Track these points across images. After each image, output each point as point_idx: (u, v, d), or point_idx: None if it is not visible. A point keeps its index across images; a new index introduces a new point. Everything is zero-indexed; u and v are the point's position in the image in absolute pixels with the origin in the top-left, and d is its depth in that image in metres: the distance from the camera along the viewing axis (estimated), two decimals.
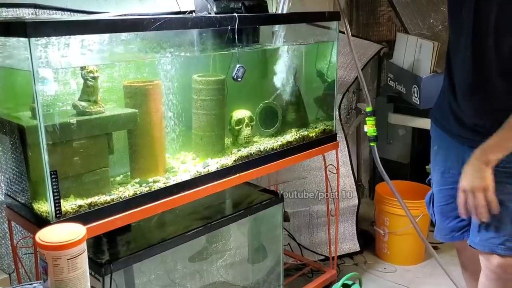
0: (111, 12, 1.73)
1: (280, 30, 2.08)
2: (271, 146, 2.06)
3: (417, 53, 2.71)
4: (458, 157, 1.72)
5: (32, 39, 1.29)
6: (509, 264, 1.61)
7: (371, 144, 2.09)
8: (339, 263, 2.77)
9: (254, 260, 2.34)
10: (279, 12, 2.03)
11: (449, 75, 1.73)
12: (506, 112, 1.55)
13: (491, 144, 1.55)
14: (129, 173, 1.74)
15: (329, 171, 2.46)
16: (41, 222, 1.44)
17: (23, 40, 1.29)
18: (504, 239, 1.60)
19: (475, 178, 1.55)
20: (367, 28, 3.45)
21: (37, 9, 1.79)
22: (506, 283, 1.64)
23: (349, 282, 2.25)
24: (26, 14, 1.77)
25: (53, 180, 1.40)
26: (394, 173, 3.14)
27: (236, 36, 1.79)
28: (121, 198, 1.56)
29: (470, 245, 1.71)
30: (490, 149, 1.55)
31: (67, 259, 0.94)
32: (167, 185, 1.68)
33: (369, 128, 2.08)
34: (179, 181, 1.71)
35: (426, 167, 2.04)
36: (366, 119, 2.08)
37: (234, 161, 1.91)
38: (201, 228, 1.88)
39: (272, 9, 2.10)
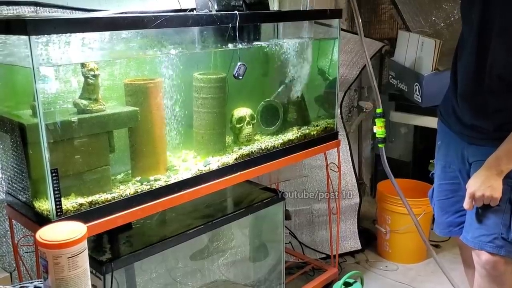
0: (111, 10, 1.73)
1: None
2: (272, 144, 2.05)
3: (419, 51, 2.71)
4: (458, 152, 1.76)
5: (32, 37, 1.29)
6: (497, 261, 1.65)
7: (380, 145, 2.05)
8: (340, 262, 2.77)
9: (256, 258, 2.33)
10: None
11: (454, 75, 1.76)
12: (504, 113, 1.57)
13: (503, 154, 1.57)
14: (130, 171, 1.73)
15: (331, 169, 2.46)
16: (42, 220, 1.44)
17: (24, 38, 1.29)
18: (493, 237, 1.64)
19: (487, 187, 1.58)
20: (369, 26, 3.44)
21: (38, 7, 1.79)
22: (495, 279, 1.68)
23: (351, 281, 2.25)
24: (27, 12, 1.77)
25: (53, 178, 1.39)
26: (396, 171, 3.13)
27: (237, 34, 1.79)
28: (122, 196, 1.55)
29: (462, 241, 1.76)
30: (502, 159, 1.57)
31: (68, 258, 0.94)
32: (168, 183, 1.68)
33: (378, 129, 2.03)
34: (180, 179, 1.71)
35: (431, 161, 2.02)
36: (376, 120, 2.04)
37: (235, 159, 1.90)
38: (202, 226, 1.87)
39: (273, 6, 2.10)
